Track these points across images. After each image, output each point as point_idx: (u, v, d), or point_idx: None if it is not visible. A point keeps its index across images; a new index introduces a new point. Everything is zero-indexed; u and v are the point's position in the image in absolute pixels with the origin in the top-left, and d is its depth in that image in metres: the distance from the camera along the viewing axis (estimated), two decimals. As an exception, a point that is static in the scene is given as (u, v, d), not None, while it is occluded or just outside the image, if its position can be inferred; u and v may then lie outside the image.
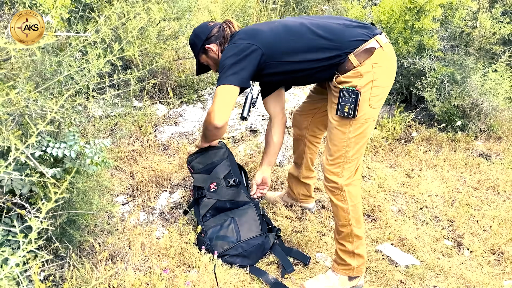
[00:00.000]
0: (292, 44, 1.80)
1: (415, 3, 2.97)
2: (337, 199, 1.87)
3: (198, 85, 3.51)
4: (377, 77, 1.74)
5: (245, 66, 1.78)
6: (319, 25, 1.80)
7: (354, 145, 1.80)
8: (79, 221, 1.74)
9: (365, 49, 1.73)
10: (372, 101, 1.76)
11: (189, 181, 2.61)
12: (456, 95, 3.23)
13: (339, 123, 1.80)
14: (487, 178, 2.89)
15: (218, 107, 1.79)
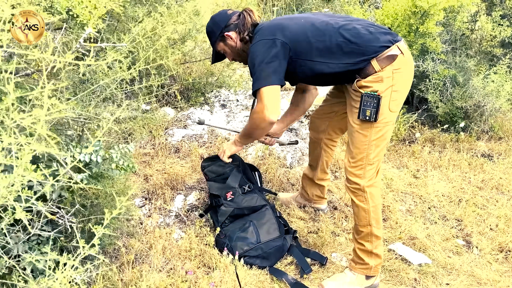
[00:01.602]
0: (320, 45, 1.81)
1: (420, 7, 3.04)
2: (359, 200, 1.92)
3: (205, 88, 3.55)
4: (396, 82, 1.79)
5: (280, 63, 1.80)
6: (345, 28, 1.82)
7: (375, 147, 1.85)
8: (107, 225, 1.77)
9: (387, 56, 1.77)
10: (391, 105, 1.81)
11: (203, 184, 2.65)
12: (459, 96, 3.31)
13: (361, 126, 1.85)
14: (491, 178, 2.98)
15: (270, 105, 1.80)
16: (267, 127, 1.89)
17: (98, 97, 1.63)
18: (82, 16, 1.32)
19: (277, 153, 3.03)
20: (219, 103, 3.56)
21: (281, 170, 2.88)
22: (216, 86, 3.61)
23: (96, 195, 1.78)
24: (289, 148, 3.10)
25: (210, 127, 3.20)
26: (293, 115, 2.34)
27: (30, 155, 0.87)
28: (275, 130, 2.33)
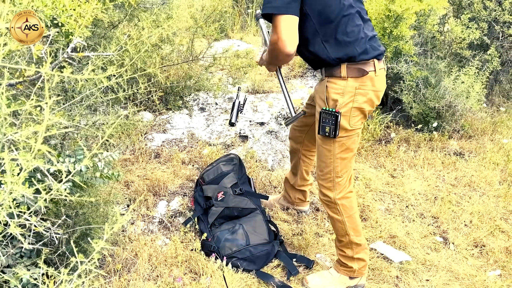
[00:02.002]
0: (330, 11, 1.67)
1: (393, 12, 3.13)
2: (332, 212, 1.95)
3: (184, 92, 3.53)
4: (357, 100, 1.76)
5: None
6: (355, 16, 1.72)
7: (341, 160, 1.85)
8: (92, 234, 1.75)
9: (358, 68, 1.72)
10: (352, 121, 1.78)
11: (186, 189, 2.65)
12: (431, 97, 3.42)
13: (323, 141, 1.84)
14: (463, 175, 3.10)
15: (287, 38, 1.60)
16: (285, 59, 1.71)
17: (82, 106, 1.61)
18: (67, 25, 1.30)
19: (258, 156, 3.05)
20: (198, 107, 3.55)
21: (263, 173, 2.90)
22: (194, 90, 3.59)
23: (80, 205, 1.75)
24: (270, 151, 3.13)
25: (190, 132, 3.19)
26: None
27: (27, 172, 0.85)
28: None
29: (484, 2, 3.60)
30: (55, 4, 1.34)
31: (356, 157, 3.26)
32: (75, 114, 1.53)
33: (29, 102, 0.99)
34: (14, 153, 0.89)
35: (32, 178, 1.25)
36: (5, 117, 0.86)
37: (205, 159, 2.92)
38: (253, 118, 3.42)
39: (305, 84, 4.00)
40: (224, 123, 3.33)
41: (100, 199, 1.80)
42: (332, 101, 1.77)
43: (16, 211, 0.94)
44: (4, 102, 0.82)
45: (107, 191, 2.05)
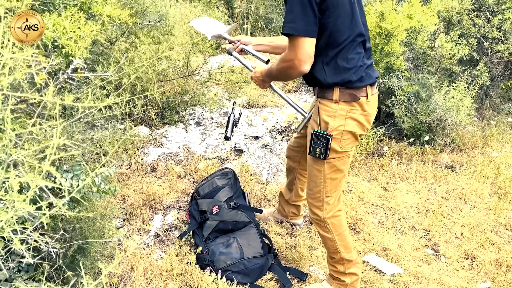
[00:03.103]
0: (340, 36, 1.68)
1: (384, 29, 3.21)
2: (322, 230, 1.99)
3: (180, 106, 3.59)
4: (348, 123, 1.78)
5: (315, 12, 1.60)
6: (360, 40, 1.74)
7: (331, 181, 1.88)
8: (89, 249, 1.78)
9: (350, 93, 1.74)
10: (343, 144, 1.81)
11: (181, 203, 2.68)
12: (422, 111, 3.49)
13: (314, 162, 1.87)
14: (454, 188, 3.16)
15: (305, 56, 1.61)
16: (296, 76, 1.73)
17: (80, 123, 1.65)
18: (67, 47, 1.35)
19: (253, 170, 3.10)
20: (194, 121, 3.61)
21: (258, 187, 2.95)
22: (190, 104, 3.65)
23: (77, 219, 1.78)
24: (264, 164, 3.18)
25: (186, 146, 3.24)
26: (274, 49, 2.16)
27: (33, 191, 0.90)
28: (252, 41, 2.16)
29: (473, 19, 3.70)
30: (56, 27, 1.40)
31: (349, 170, 3.32)
32: (73, 131, 1.58)
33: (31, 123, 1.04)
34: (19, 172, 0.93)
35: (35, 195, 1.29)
36: (10, 139, 0.91)
37: (200, 173, 2.96)
38: (248, 132, 3.48)
39: (299, 98, 4.07)
40: (220, 137, 3.39)
41: (96, 214, 1.84)
42: (323, 123, 1.79)
43: (20, 228, 0.98)
44: (10, 126, 0.86)
45: (103, 205, 2.09)
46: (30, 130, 0.97)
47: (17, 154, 0.92)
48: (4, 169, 0.95)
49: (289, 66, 1.68)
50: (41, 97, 0.90)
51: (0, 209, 1.01)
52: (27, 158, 0.90)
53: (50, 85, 0.92)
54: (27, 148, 1.07)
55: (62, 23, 1.40)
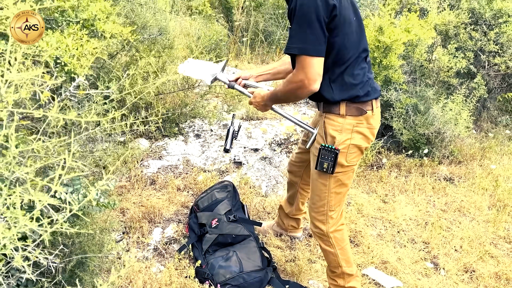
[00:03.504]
0: (347, 53, 1.69)
1: (383, 42, 3.25)
2: (325, 244, 2.00)
3: (179, 119, 3.61)
4: (354, 137, 1.79)
5: (324, 32, 1.60)
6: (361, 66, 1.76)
7: (335, 195, 1.89)
8: (88, 263, 1.78)
9: (357, 107, 1.76)
10: (349, 157, 1.82)
11: (181, 216, 2.69)
12: (421, 124, 3.52)
13: (319, 176, 1.87)
14: (453, 201, 3.17)
15: (315, 76, 1.62)
16: (305, 96, 1.72)
17: (81, 139, 1.67)
18: (70, 65, 1.37)
19: (252, 182, 3.11)
20: (193, 133, 3.63)
21: (257, 199, 2.96)
22: (190, 117, 3.67)
23: (77, 234, 1.79)
24: (263, 177, 3.19)
25: (185, 159, 3.25)
26: (274, 76, 2.16)
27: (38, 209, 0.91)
28: (252, 73, 2.17)
29: (469, 32, 3.74)
30: (58, 44, 1.42)
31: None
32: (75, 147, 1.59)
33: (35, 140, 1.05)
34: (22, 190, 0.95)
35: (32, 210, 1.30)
36: (14, 156, 0.92)
37: (200, 185, 2.97)
38: (247, 145, 3.50)
39: (298, 111, 4.09)
40: (219, 149, 3.40)
41: (96, 227, 1.84)
42: (330, 137, 1.80)
43: (22, 245, 0.99)
44: (14, 143, 0.88)
45: (103, 219, 2.10)
46: (33, 148, 0.98)
47: (20, 172, 0.93)
48: (7, 186, 0.96)
49: (299, 86, 1.67)
50: (45, 113, 0.92)
51: (3, 226, 1.02)
52: (30, 175, 0.91)
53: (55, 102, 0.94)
54: (29, 165, 1.08)
55: (65, 40, 1.42)
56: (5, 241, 0.92)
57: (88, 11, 1.52)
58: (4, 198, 1.02)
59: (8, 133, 0.89)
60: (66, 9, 1.57)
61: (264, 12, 5.37)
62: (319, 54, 1.60)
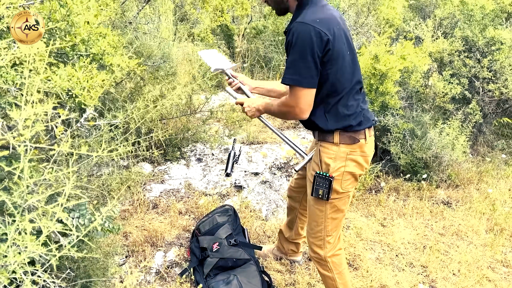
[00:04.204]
0: (340, 85, 1.76)
1: (378, 70, 3.36)
2: (323, 269, 2.04)
3: (182, 143, 3.69)
4: (348, 164, 1.85)
5: (317, 65, 1.69)
6: (355, 97, 1.84)
7: (332, 220, 1.94)
8: (92, 287, 1.83)
9: (350, 136, 1.83)
10: (344, 184, 1.87)
11: (182, 239, 2.73)
12: (418, 148, 3.59)
13: (316, 202, 1.93)
14: (451, 224, 3.21)
15: (305, 106, 1.73)
16: (293, 120, 1.84)
17: (89, 165, 1.74)
18: (80, 97, 1.46)
19: (253, 206, 3.16)
20: (195, 157, 3.70)
21: (257, 223, 3.00)
22: (192, 141, 3.75)
23: (82, 258, 1.84)
24: (264, 200, 3.24)
25: (187, 183, 3.32)
26: (268, 92, 2.25)
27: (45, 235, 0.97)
28: (250, 83, 2.24)
29: (463, 60, 3.85)
30: (70, 77, 1.51)
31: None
32: (82, 174, 1.66)
33: (46, 170, 1.13)
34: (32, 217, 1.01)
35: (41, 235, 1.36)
36: (27, 185, 0.99)
37: (201, 209, 3.02)
38: (248, 169, 3.56)
39: (297, 135, 4.17)
40: (220, 173, 3.47)
41: (100, 251, 1.89)
42: (325, 165, 1.87)
43: (31, 269, 1.05)
44: (28, 174, 0.95)
45: (106, 243, 2.15)
46: (45, 178, 1.05)
47: (32, 200, 1.00)
48: (20, 213, 1.03)
49: (289, 111, 1.79)
50: (60, 148, 0.99)
51: (14, 252, 1.08)
52: (41, 203, 0.98)
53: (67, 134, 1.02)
54: (40, 192, 1.15)
55: (76, 74, 1.51)
56: (15, 265, 0.98)
57: (97, 46, 1.62)
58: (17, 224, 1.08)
59: (24, 165, 0.96)
60: (77, 44, 1.66)
61: (264, 39, 5.52)
62: (311, 86, 1.71)
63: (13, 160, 1.22)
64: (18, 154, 1.03)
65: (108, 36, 1.74)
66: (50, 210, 1.00)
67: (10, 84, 1.21)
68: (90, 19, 1.66)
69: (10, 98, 1.19)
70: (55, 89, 1.42)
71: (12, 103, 1.20)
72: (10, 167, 1.00)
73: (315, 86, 1.73)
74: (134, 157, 3.37)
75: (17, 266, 1.02)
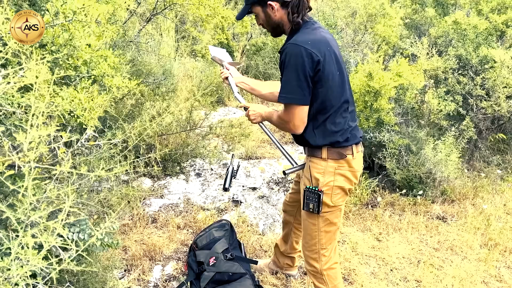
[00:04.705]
0: (329, 103, 1.85)
1: (372, 87, 3.44)
2: (318, 282, 2.10)
3: (181, 158, 3.77)
4: (337, 179, 1.92)
5: (309, 84, 1.79)
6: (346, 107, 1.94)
7: (325, 233, 2.01)
8: (90, 301, 1.88)
9: (338, 152, 1.91)
10: (334, 198, 1.94)
11: (180, 254, 2.79)
12: (413, 163, 3.65)
13: (308, 216, 2.00)
14: (445, 239, 3.25)
15: (299, 122, 1.83)
16: (290, 132, 1.95)
17: (89, 181, 1.82)
18: (82, 117, 1.54)
19: (250, 220, 3.22)
20: (194, 172, 3.77)
21: (254, 237, 3.06)
22: (191, 156, 3.83)
23: (82, 272, 1.90)
24: (261, 215, 3.30)
25: (186, 197, 3.38)
26: (252, 90, 2.34)
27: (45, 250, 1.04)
28: (237, 77, 2.34)
29: (457, 77, 3.94)
30: (72, 99, 1.60)
31: (344, 221, 3.43)
32: (82, 190, 1.74)
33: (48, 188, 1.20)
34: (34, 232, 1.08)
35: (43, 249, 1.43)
36: (31, 203, 1.07)
37: (199, 223, 3.08)
38: (246, 183, 3.63)
39: (295, 150, 4.25)
40: (219, 188, 3.53)
41: (99, 265, 1.96)
42: (314, 180, 1.95)
43: (32, 282, 1.11)
44: (31, 192, 1.02)
45: (106, 257, 2.21)
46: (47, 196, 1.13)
47: (34, 216, 1.07)
48: (23, 229, 1.10)
49: (285, 126, 1.92)
50: (61, 169, 1.07)
51: (16, 265, 1.15)
52: (43, 219, 1.05)
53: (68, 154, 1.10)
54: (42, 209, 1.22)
55: (78, 95, 1.59)
56: (17, 278, 1.05)
57: (98, 68, 1.70)
58: (20, 239, 1.15)
59: (28, 184, 1.04)
60: (79, 66, 1.75)
61: (264, 55, 5.64)
62: (303, 103, 1.80)
63: (18, 178, 1.30)
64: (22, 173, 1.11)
65: (109, 58, 1.83)
66: (51, 226, 1.07)
67: (16, 107, 1.29)
68: (92, 43, 1.75)
69: (16, 121, 1.28)
70: (58, 112, 1.50)
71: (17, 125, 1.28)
72: (15, 185, 1.08)
73: (307, 103, 1.82)
74: (134, 172, 3.45)
75: (19, 278, 1.09)
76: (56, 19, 1.58)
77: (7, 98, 1.36)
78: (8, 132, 1.37)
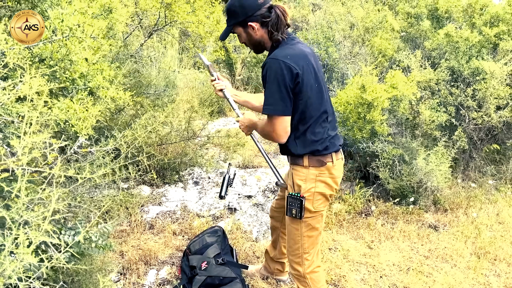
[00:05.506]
0: (309, 114, 1.95)
1: (365, 99, 3.54)
2: (302, 285, 2.18)
3: (180, 167, 3.88)
4: (318, 185, 2.01)
5: (290, 95, 1.89)
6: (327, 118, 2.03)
7: (308, 238, 2.09)
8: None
9: (318, 159, 2.00)
10: (315, 204, 2.03)
11: (175, 258, 2.89)
12: (406, 173, 3.73)
13: (291, 221, 2.08)
14: (436, 248, 3.31)
15: (281, 132, 1.92)
16: (274, 142, 2.06)
17: (84, 186, 1.93)
18: (76, 126, 1.66)
19: (244, 227, 3.31)
20: (192, 180, 3.88)
21: (248, 244, 3.14)
22: (189, 165, 3.94)
23: (76, 272, 2.01)
24: (255, 222, 3.39)
25: (183, 205, 3.48)
26: (244, 103, 2.41)
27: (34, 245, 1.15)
28: (235, 92, 2.40)
29: (449, 89, 4.03)
30: (67, 109, 1.72)
31: (337, 229, 3.51)
32: (77, 194, 1.85)
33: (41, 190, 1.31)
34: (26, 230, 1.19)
35: (38, 249, 1.54)
36: (24, 203, 1.18)
37: (194, 230, 3.18)
38: (242, 191, 3.72)
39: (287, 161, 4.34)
40: (215, 196, 3.63)
41: (94, 267, 2.06)
42: (297, 186, 2.04)
43: (24, 276, 1.22)
44: (24, 193, 1.14)
45: (101, 259, 2.31)
46: (39, 197, 1.24)
47: (27, 216, 1.18)
48: (16, 227, 1.21)
49: (269, 136, 2.00)
50: (51, 171, 1.18)
51: (10, 261, 1.26)
52: (35, 219, 1.16)
53: (58, 160, 1.21)
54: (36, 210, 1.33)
55: (73, 106, 1.72)
56: (10, 271, 1.15)
57: (94, 81, 1.83)
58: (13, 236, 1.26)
59: (21, 186, 1.15)
60: (76, 78, 1.88)
61: (264, 67, 5.77)
62: (285, 114, 1.91)
63: (14, 181, 1.41)
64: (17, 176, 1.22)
65: (105, 71, 1.96)
66: (42, 225, 1.18)
67: (14, 117, 1.41)
68: (88, 57, 1.88)
69: (14, 129, 1.40)
70: (52, 120, 1.62)
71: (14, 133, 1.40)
72: (9, 187, 1.19)
73: (289, 114, 1.93)
74: (134, 180, 3.56)
75: (11, 272, 1.19)
76: (53, 35, 1.71)
77: (6, 109, 1.49)
78: (6, 140, 1.49)
